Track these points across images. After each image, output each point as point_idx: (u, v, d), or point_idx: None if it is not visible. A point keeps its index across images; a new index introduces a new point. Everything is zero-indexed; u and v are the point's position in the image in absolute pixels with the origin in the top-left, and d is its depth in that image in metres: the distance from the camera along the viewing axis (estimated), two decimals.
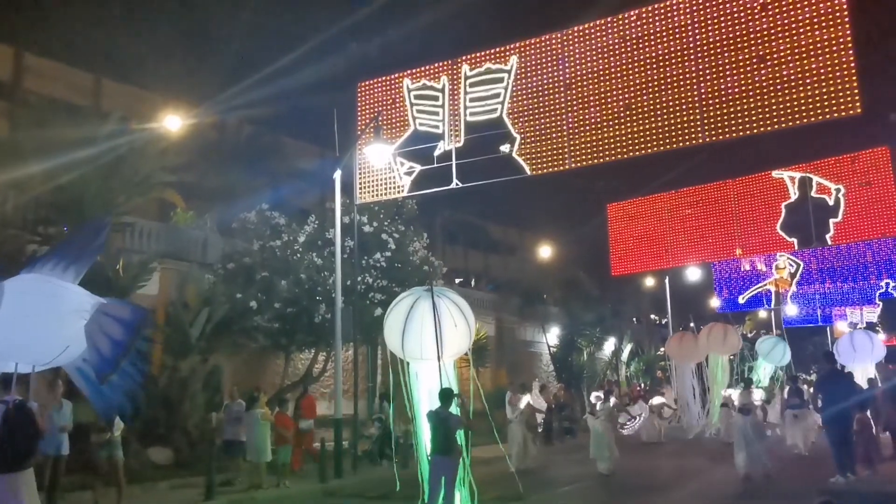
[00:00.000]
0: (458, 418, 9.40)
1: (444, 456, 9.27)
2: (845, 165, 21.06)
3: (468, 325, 9.77)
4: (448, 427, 9.23)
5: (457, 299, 9.94)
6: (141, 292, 17.41)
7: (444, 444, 9.26)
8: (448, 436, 9.24)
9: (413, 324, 9.71)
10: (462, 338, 9.77)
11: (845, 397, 13.50)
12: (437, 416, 9.38)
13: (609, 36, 13.39)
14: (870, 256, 29.52)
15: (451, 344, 9.61)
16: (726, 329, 22.77)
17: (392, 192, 16.19)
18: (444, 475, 9.25)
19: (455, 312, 9.66)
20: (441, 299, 9.68)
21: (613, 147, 13.18)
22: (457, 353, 9.92)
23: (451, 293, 10.19)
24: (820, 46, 11.45)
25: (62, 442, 11.15)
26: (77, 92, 23.32)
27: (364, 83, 16.49)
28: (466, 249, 41.56)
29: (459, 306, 9.78)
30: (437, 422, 9.34)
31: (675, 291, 32.31)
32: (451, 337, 9.58)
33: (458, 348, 9.84)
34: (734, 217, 22.30)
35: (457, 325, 9.57)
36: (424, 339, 9.59)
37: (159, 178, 17.60)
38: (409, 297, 10.01)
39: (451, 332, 9.55)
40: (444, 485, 9.18)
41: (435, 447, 9.38)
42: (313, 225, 20.40)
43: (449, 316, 9.58)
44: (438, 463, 9.32)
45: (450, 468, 9.28)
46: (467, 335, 9.81)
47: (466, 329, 9.76)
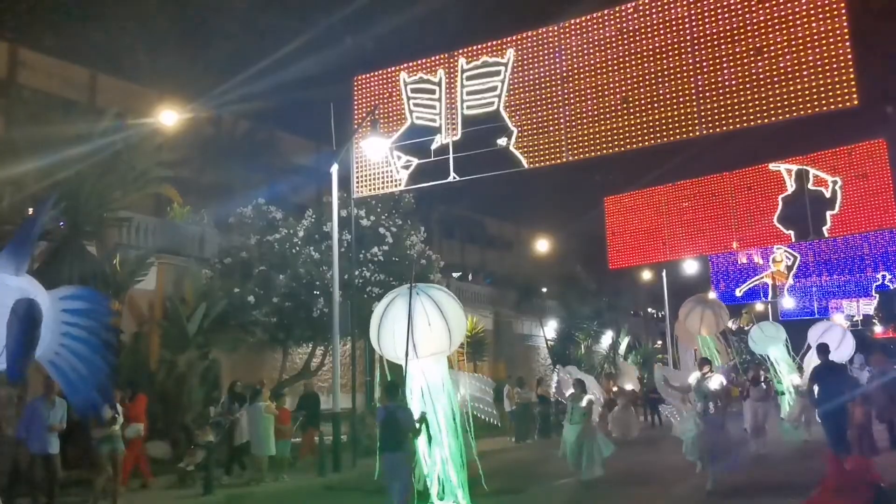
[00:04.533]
0: (408, 412, 8.96)
1: (394, 453, 8.77)
2: (842, 158, 21.08)
3: (447, 324, 9.41)
4: (397, 421, 8.75)
5: (440, 297, 9.64)
6: (138, 287, 17.42)
7: (393, 440, 8.77)
8: (398, 431, 8.75)
9: (387, 323, 9.60)
10: (439, 338, 9.43)
11: (841, 389, 13.55)
12: (385, 411, 8.94)
13: (606, 28, 13.37)
14: (866, 249, 29.60)
15: (426, 343, 9.35)
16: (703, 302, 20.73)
17: (389, 186, 16.18)
18: (397, 474, 8.77)
19: (432, 311, 9.39)
20: (420, 298, 9.44)
21: (610, 140, 13.18)
22: (436, 352, 9.59)
23: (436, 290, 9.92)
24: (816, 38, 11.44)
25: (50, 441, 10.99)
26: (72, 87, 23.25)
27: (360, 77, 16.46)
28: (464, 243, 41.59)
29: (440, 305, 9.47)
30: (385, 416, 8.87)
31: (672, 285, 32.33)
32: (426, 336, 9.31)
33: (436, 347, 9.52)
34: (731, 210, 22.31)
35: (431, 324, 9.29)
36: (396, 339, 9.42)
37: (156, 174, 17.56)
38: (389, 296, 9.89)
39: (426, 331, 9.29)
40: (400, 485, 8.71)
41: (384, 444, 8.88)
42: (310, 219, 20.39)
43: (423, 315, 9.32)
44: (389, 461, 8.81)
45: (401, 466, 8.78)
46: (445, 335, 9.45)
47: (444, 329, 9.41)
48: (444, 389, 9.80)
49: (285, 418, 14.99)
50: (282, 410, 14.96)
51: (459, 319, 9.79)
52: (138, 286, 17.34)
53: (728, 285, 32.11)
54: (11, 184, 15.05)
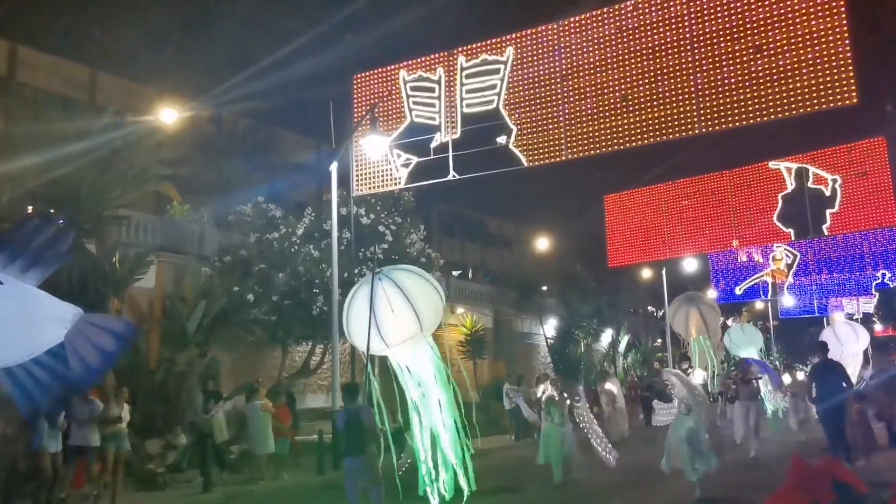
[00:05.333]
0: (370, 412, 8.52)
1: (357, 457, 8.34)
2: (842, 156, 21.06)
3: (412, 307, 8.84)
4: (360, 423, 8.29)
5: (403, 280, 9.10)
6: (138, 285, 17.41)
7: (357, 443, 8.33)
8: (361, 434, 8.30)
9: (352, 315, 9.24)
10: (406, 322, 8.88)
11: (840, 387, 13.56)
12: (347, 413, 8.51)
13: (605, 26, 13.35)
14: (866, 247, 29.56)
15: (394, 331, 8.85)
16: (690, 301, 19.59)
17: (389, 184, 16.17)
18: (361, 478, 8.33)
19: (395, 296, 8.83)
20: (382, 284, 8.91)
21: (610, 138, 13.17)
22: (407, 338, 9.08)
23: (400, 272, 9.36)
24: (816, 36, 11.43)
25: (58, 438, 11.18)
26: (72, 85, 23.24)
27: (360, 75, 16.44)
28: (463, 242, 41.58)
29: (403, 288, 8.92)
30: (348, 419, 8.43)
31: (672, 283, 32.31)
32: (391, 324, 8.80)
33: (405, 333, 9.00)
34: (731, 208, 22.29)
35: (394, 310, 8.76)
36: (359, 328, 9.03)
37: (155, 172, 17.56)
38: (356, 286, 9.45)
39: (390, 318, 8.77)
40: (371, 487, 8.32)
41: (347, 448, 8.49)
42: (310, 217, 20.38)
43: (385, 302, 8.78)
44: (352, 466, 8.39)
45: (366, 470, 8.33)
46: (412, 318, 8.88)
47: (409, 312, 8.84)
48: (434, 374, 9.37)
49: (284, 416, 15.00)
50: (280, 409, 14.97)
51: (428, 299, 9.16)
52: (138, 284, 17.33)
53: (728, 283, 32.09)
54: (10, 181, 15.06)
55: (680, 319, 19.07)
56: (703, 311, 18.82)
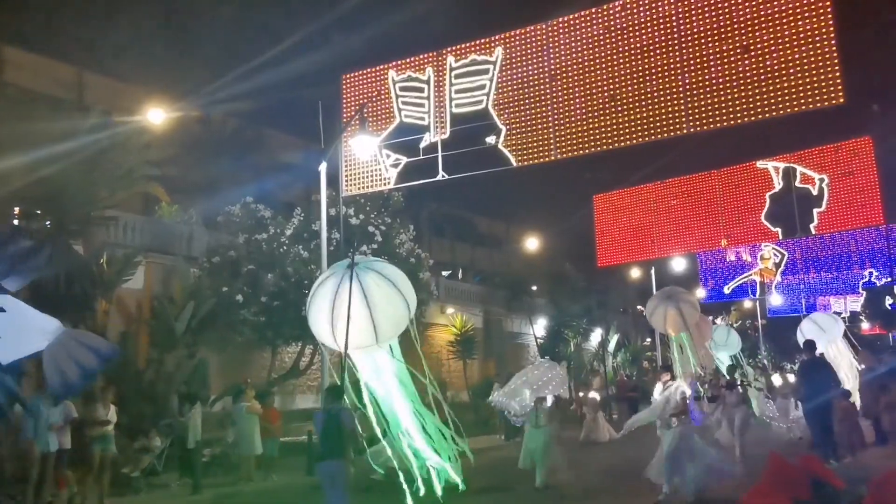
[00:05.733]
0: (351, 414, 8.11)
1: (334, 461, 7.91)
2: (829, 155, 21.17)
3: (370, 316, 8.46)
4: (340, 425, 7.89)
5: (369, 284, 8.59)
6: (126, 286, 17.33)
7: (335, 446, 7.93)
8: (340, 436, 7.90)
9: (313, 305, 8.91)
10: (361, 331, 8.49)
11: (827, 385, 13.65)
12: (326, 414, 8.11)
13: (594, 27, 13.37)
14: (853, 246, 29.77)
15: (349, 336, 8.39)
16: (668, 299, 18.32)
17: (378, 185, 16.13)
18: (335, 484, 7.90)
19: (357, 300, 8.41)
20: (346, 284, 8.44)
21: (599, 138, 13.18)
22: (360, 347, 8.70)
23: (371, 274, 8.78)
24: (803, 36, 11.48)
25: (51, 439, 11.12)
26: (59, 85, 23.11)
27: (349, 75, 16.40)
28: (453, 242, 41.59)
29: (367, 293, 8.48)
30: (326, 420, 8.02)
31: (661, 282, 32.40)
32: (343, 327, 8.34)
33: (359, 341, 8.58)
34: (719, 207, 22.38)
35: (352, 316, 8.31)
36: (319, 325, 8.76)
37: (143, 172, 17.49)
38: (324, 274, 9.02)
39: (345, 324, 8.33)
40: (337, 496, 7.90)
41: (324, 451, 8.06)
42: (299, 218, 20.34)
43: (346, 305, 8.36)
44: (328, 470, 7.97)
45: (341, 475, 7.91)
46: (367, 328, 8.51)
47: (367, 321, 8.47)
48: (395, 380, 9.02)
49: (273, 417, 14.96)
50: (269, 409, 14.94)
51: (393, 309, 8.70)
52: (126, 285, 17.25)
53: (716, 283, 32.23)
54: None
55: (658, 317, 18.08)
56: (682, 308, 18.24)
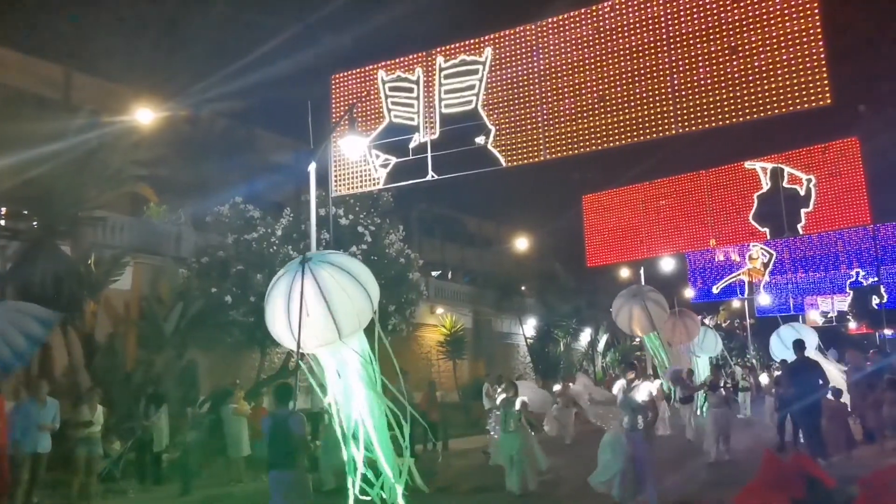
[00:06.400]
0: (301, 419, 7.40)
1: (283, 471, 7.31)
2: (816, 156, 21.30)
3: (329, 311, 7.93)
4: (288, 432, 7.25)
5: (324, 278, 8.07)
6: (114, 287, 17.27)
7: (284, 454, 7.30)
8: (288, 444, 7.26)
9: (269, 304, 8.39)
10: (321, 328, 7.98)
11: (815, 386, 13.73)
12: (273, 419, 7.48)
13: (583, 27, 13.40)
14: (840, 246, 29.99)
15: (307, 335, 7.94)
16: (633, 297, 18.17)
17: (368, 185, 16.11)
18: (288, 497, 7.25)
19: (312, 296, 7.93)
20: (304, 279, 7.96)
21: (588, 138, 13.21)
22: (321, 345, 8.26)
23: (326, 266, 8.21)
24: (791, 37, 11.54)
25: (40, 440, 11.11)
26: (46, 85, 22.96)
27: (338, 75, 16.37)
28: (443, 242, 41.60)
29: (323, 287, 7.98)
30: (273, 426, 7.41)
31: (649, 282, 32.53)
32: (304, 328, 7.88)
33: (319, 339, 8.13)
34: (708, 208, 22.48)
35: (309, 313, 7.84)
36: (276, 325, 8.25)
37: (131, 172, 17.43)
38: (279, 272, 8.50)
39: (303, 321, 7.84)
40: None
41: (272, 460, 7.44)
42: (288, 218, 20.29)
43: (303, 303, 7.87)
44: (276, 481, 7.34)
45: (293, 487, 7.29)
46: (328, 324, 7.97)
47: (325, 317, 7.94)
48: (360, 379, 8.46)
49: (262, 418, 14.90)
50: (259, 410, 14.90)
51: (352, 301, 8.14)
52: (114, 286, 17.18)
53: (705, 282, 32.39)
54: None
55: (623, 317, 18.06)
56: (649, 306, 17.78)
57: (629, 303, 17.77)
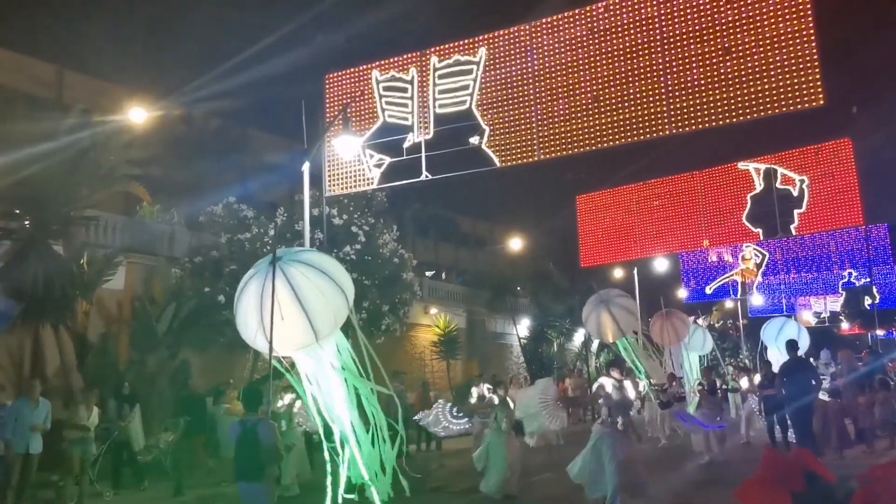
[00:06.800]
0: (271, 428, 6.93)
1: (252, 483, 6.85)
2: (809, 157, 21.38)
3: (304, 312, 7.56)
4: (257, 440, 6.76)
5: (297, 278, 7.67)
6: (106, 287, 17.20)
7: (252, 465, 6.83)
8: (257, 453, 6.77)
9: (240, 306, 7.94)
10: (297, 331, 7.63)
11: (809, 385, 13.78)
12: (242, 427, 6.93)
13: (577, 28, 13.42)
14: (833, 246, 30.11)
15: (281, 339, 7.57)
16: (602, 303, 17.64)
17: (362, 185, 16.11)
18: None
19: (286, 298, 7.53)
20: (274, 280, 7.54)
21: (582, 139, 13.23)
22: (298, 348, 7.89)
23: (298, 266, 7.82)
24: (784, 38, 11.58)
25: (32, 440, 11.08)
26: (38, 84, 22.88)
27: (332, 75, 16.36)
28: (437, 242, 41.58)
29: (296, 287, 7.58)
30: (242, 434, 6.89)
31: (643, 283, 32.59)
32: (278, 330, 7.48)
33: (295, 343, 7.77)
34: (701, 208, 22.53)
35: (284, 317, 7.46)
36: (248, 328, 7.81)
37: (124, 172, 17.36)
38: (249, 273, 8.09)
39: (277, 324, 7.45)
40: None
41: (240, 471, 6.97)
42: (282, 218, 20.25)
43: (275, 304, 7.43)
44: (245, 493, 6.93)
45: (261, 500, 6.88)
46: (304, 326, 7.60)
47: (301, 319, 7.57)
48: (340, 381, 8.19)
49: None
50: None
51: (327, 301, 7.74)
52: (106, 286, 17.12)
53: (698, 283, 32.47)
54: None
55: (592, 323, 17.69)
56: (614, 312, 17.34)
57: (597, 309, 17.58)
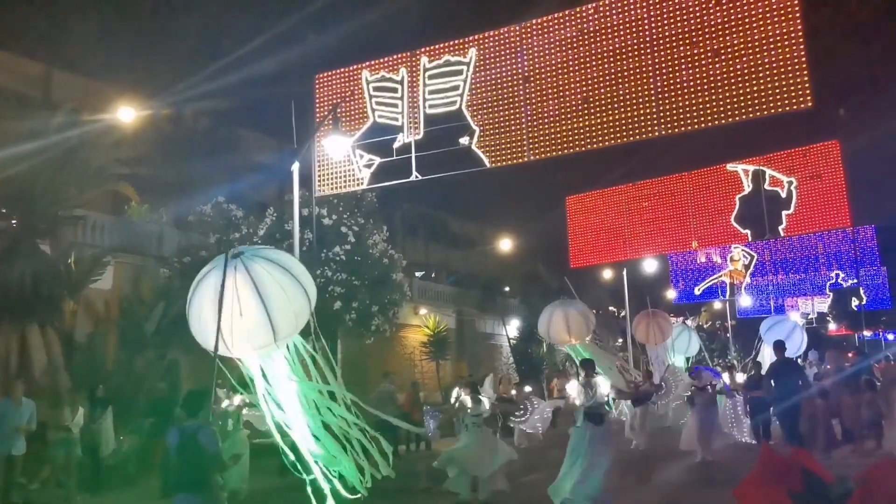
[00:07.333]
0: (213, 434, 6.26)
1: (192, 494, 6.16)
2: (797, 158, 21.52)
3: (266, 310, 7.12)
4: (198, 448, 6.11)
5: (259, 274, 7.21)
6: (94, 287, 17.11)
7: (192, 475, 6.17)
8: (199, 462, 6.13)
9: (195, 304, 7.44)
10: (256, 330, 7.17)
11: (796, 386, 13.85)
12: (182, 433, 6.25)
13: (567, 29, 13.45)
14: (821, 248, 30.32)
15: (240, 338, 7.17)
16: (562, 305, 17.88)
17: (351, 185, 16.09)
18: None
19: (247, 294, 7.09)
20: (236, 274, 7.11)
21: (572, 140, 13.27)
22: (257, 348, 7.42)
23: (260, 262, 7.36)
24: (772, 40, 11.64)
25: (16, 442, 10.97)
26: (26, 82, 22.72)
27: (322, 75, 16.34)
28: (427, 242, 41.55)
29: (258, 284, 7.14)
30: (181, 440, 6.20)
31: (632, 283, 32.70)
32: (238, 329, 7.07)
33: (255, 342, 7.32)
34: (690, 209, 22.64)
35: (243, 313, 7.03)
36: (203, 327, 7.25)
37: (112, 171, 17.29)
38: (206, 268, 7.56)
39: (237, 322, 7.04)
40: None
41: (178, 482, 6.34)
42: (272, 218, 20.19)
43: (235, 300, 7.02)
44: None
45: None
46: (264, 325, 7.16)
47: (262, 317, 7.12)
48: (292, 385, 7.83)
49: None
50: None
51: (289, 300, 7.35)
52: (94, 286, 17.02)
53: (687, 284, 32.62)
54: None
55: (543, 326, 17.87)
56: (569, 315, 17.42)
57: (557, 310, 17.64)
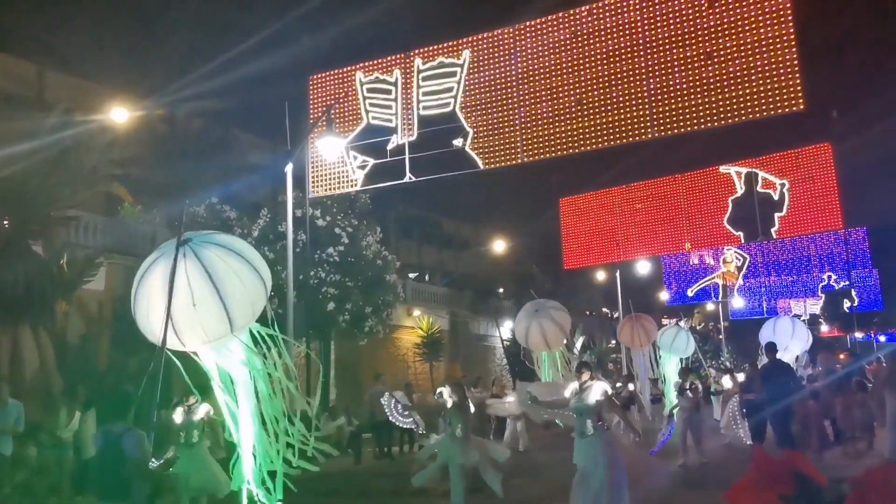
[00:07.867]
0: (139, 439, 5.76)
1: (111, 503, 5.71)
2: (789, 161, 21.61)
3: (220, 299, 6.70)
4: (121, 454, 5.64)
5: (212, 260, 6.82)
6: (87, 288, 17.06)
7: (114, 483, 5.67)
8: (121, 469, 5.63)
9: (142, 295, 6.93)
10: (211, 320, 6.78)
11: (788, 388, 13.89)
12: (105, 439, 5.85)
13: (560, 31, 13.49)
14: (813, 250, 30.46)
15: (193, 328, 6.80)
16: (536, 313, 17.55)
17: (345, 186, 16.10)
18: None
19: (199, 282, 6.66)
20: (186, 261, 6.71)
21: (565, 142, 13.31)
22: (210, 340, 7.06)
23: (212, 248, 6.99)
24: (765, 44, 11.71)
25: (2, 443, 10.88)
26: (19, 83, 22.63)
27: (316, 76, 16.36)
28: (420, 244, 41.52)
29: (211, 271, 6.73)
30: (104, 446, 5.83)
31: (626, 285, 32.78)
32: (190, 319, 6.71)
33: (208, 333, 6.93)
34: (683, 211, 22.71)
35: (196, 303, 6.63)
36: (151, 319, 6.82)
37: (106, 172, 17.23)
38: (152, 256, 7.15)
39: (189, 312, 6.66)
40: None
41: (102, 490, 5.85)
42: (265, 219, 20.18)
43: (186, 288, 6.60)
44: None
45: None
46: (219, 315, 6.75)
47: (216, 306, 6.71)
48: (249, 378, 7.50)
49: None
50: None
51: (244, 286, 6.93)
52: (87, 287, 16.96)
53: (680, 285, 32.72)
54: None
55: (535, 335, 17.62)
56: (545, 325, 17.31)
57: (533, 320, 17.49)
